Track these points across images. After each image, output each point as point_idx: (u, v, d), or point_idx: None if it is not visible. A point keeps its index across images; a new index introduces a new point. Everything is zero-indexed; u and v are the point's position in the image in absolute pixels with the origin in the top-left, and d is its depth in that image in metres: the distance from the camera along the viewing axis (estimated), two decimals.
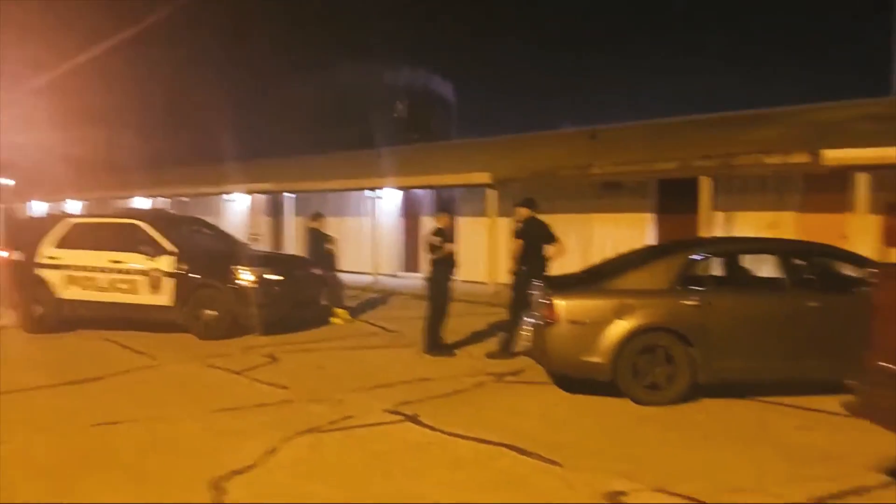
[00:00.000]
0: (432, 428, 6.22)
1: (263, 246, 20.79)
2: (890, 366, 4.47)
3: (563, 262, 9.41)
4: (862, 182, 11.69)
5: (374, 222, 19.60)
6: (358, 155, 24.16)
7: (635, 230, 15.41)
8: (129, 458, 5.53)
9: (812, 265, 7.75)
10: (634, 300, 7.18)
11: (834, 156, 11.53)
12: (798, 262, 7.68)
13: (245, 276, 10.91)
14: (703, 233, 12.99)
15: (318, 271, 12.17)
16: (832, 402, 6.58)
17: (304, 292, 11.80)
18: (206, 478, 5.01)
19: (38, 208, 33.03)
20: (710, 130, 15.42)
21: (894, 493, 4.74)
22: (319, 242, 12.55)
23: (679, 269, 7.39)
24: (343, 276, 13.48)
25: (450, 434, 6.04)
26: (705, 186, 13.14)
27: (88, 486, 4.91)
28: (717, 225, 13.75)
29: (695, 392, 7.06)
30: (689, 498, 4.66)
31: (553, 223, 9.49)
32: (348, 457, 5.53)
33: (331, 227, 13.69)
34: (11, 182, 40.77)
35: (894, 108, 13.92)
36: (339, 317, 12.35)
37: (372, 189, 19.47)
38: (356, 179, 19.74)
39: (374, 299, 15.72)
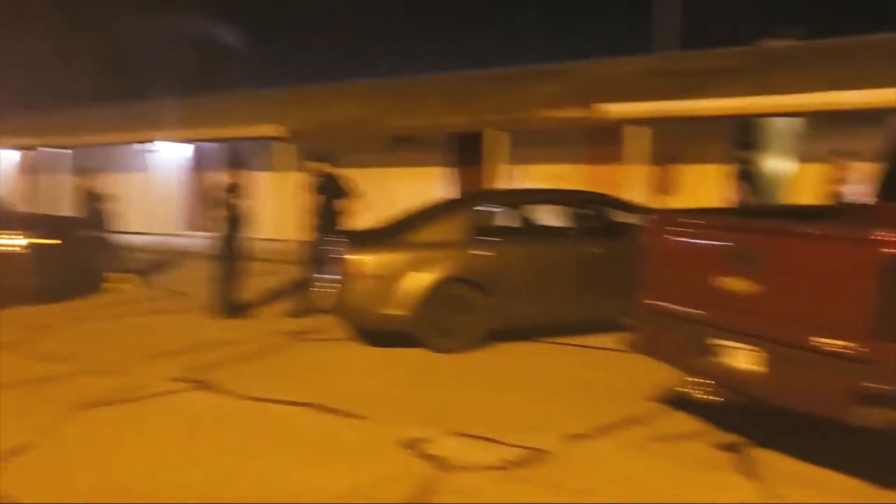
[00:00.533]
0: (229, 393, 6.00)
1: (32, 206, 18.88)
2: (658, 303, 4.90)
3: (362, 217, 9.38)
4: (636, 134, 12.63)
5: (158, 178, 18.45)
6: (139, 106, 22.47)
7: (433, 184, 15.69)
8: None
9: (593, 213, 8.31)
10: (432, 253, 7.35)
11: (609, 109, 12.36)
12: (580, 211, 8.19)
13: (12, 241, 9.87)
14: (497, 185, 13.50)
15: (94, 233, 11.26)
16: (611, 340, 7.11)
17: (81, 256, 10.87)
18: None
19: None
20: (499, 85, 15.94)
21: (666, 417, 5.23)
22: (93, 201, 11.60)
23: (473, 221, 7.66)
24: (124, 237, 12.59)
25: (247, 398, 5.86)
26: (492, 140, 13.63)
27: None
28: (511, 177, 14.33)
29: (491, 338, 7.38)
30: (483, 438, 4.87)
31: (351, 177, 9.42)
32: (137, 431, 5.19)
33: (112, 184, 12.70)
34: None
35: (660, 65, 15.16)
36: (122, 282, 11.53)
37: (154, 143, 18.26)
38: (137, 133, 18.41)
39: (160, 261, 14.80)
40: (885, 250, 3.40)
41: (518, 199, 9.03)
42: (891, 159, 5.59)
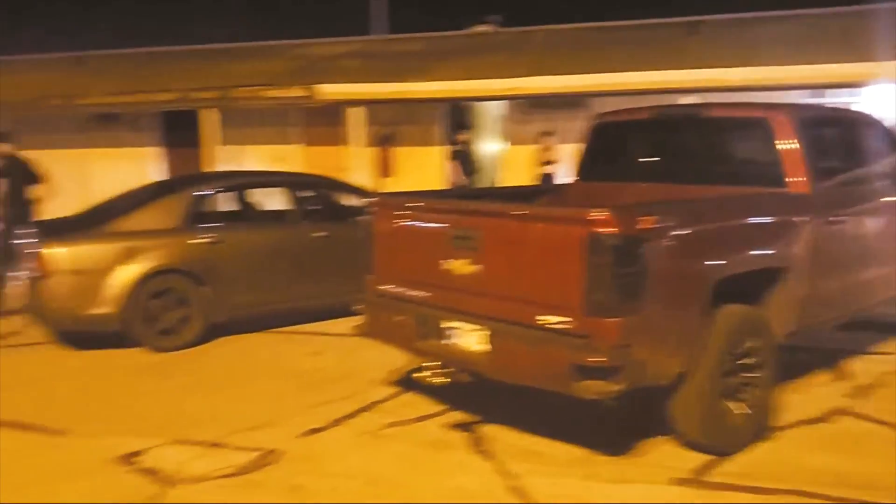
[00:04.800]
0: None
1: None
2: (385, 287, 4.87)
3: (57, 205, 8.35)
4: (355, 116, 12.67)
5: None
6: None
7: (140, 166, 14.48)
8: None
9: (316, 197, 8.16)
10: (141, 242, 6.70)
11: (328, 90, 12.26)
12: (303, 194, 7.98)
13: None
14: (209, 168, 12.81)
15: None
16: (342, 326, 7.01)
17: None
18: None
19: None
20: (209, 62, 15.10)
21: (401, 402, 5.22)
22: None
23: (187, 206, 7.09)
24: None
25: None
26: (207, 119, 12.92)
27: None
28: (226, 159, 13.66)
29: (212, 332, 6.92)
30: (209, 444, 4.52)
31: (40, 160, 8.34)
32: None
33: None
34: None
35: (378, 47, 15.37)
36: None
37: None
38: None
39: None
40: (593, 229, 3.63)
41: (235, 182, 8.52)
42: (589, 141, 6.10)
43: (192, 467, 4.20)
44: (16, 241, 7.28)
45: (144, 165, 14.53)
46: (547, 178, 11.44)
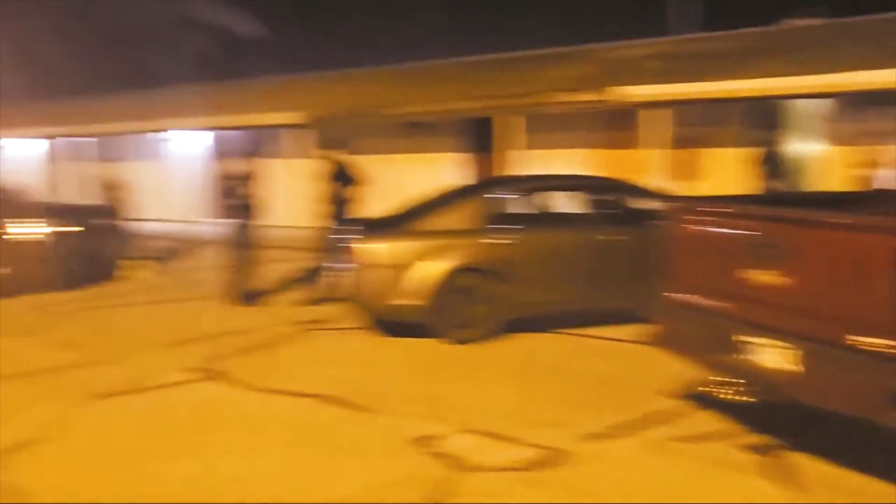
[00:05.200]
0: (238, 384, 5.89)
1: (53, 196, 18.88)
2: (681, 296, 4.70)
3: (373, 204, 9.24)
4: (651, 118, 12.36)
5: (175, 166, 18.36)
6: (158, 94, 22.40)
7: (445, 170, 15.50)
8: None
9: (611, 200, 8.12)
10: (446, 241, 7.18)
11: (624, 93, 12.08)
12: (598, 197, 7.99)
13: (34, 229, 9.85)
14: (512, 171, 13.29)
15: (112, 221, 11.22)
16: (629, 332, 6.92)
17: (99, 244, 10.85)
18: None
19: None
20: (512, 69, 15.65)
21: (689, 416, 5.02)
22: (112, 190, 11.55)
23: (489, 208, 7.47)
24: (142, 225, 12.54)
25: (256, 390, 5.74)
26: (503, 125, 13.42)
27: None
28: (526, 163, 14.12)
29: (507, 329, 7.20)
30: (498, 436, 4.71)
31: (362, 164, 9.27)
32: (143, 422, 5.10)
33: (131, 172, 12.64)
34: None
35: (678, 47, 14.83)
36: (139, 269, 11.48)
37: (171, 131, 18.16)
38: (155, 121, 18.32)
39: (177, 249, 14.76)
40: None
41: (533, 185, 8.80)
42: None
43: (482, 456, 4.41)
44: (341, 237, 8.18)
45: (450, 169, 15.52)
46: (871, 183, 10.21)
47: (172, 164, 18.50)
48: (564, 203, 8.67)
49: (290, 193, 16.11)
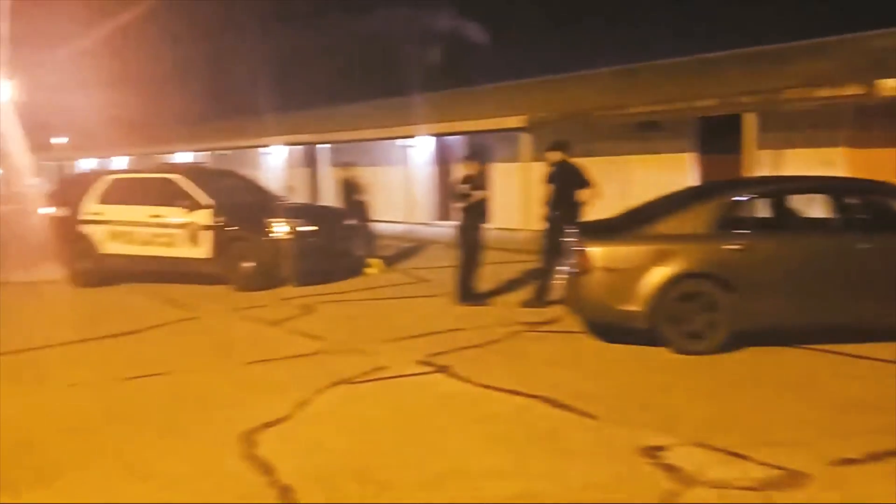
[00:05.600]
0: (465, 380, 6.11)
1: (298, 197, 20.74)
2: None
3: (599, 207, 9.13)
4: None
5: (407, 171, 19.39)
6: (390, 103, 23.83)
7: (675, 172, 14.95)
8: (160, 411, 5.53)
9: (864, 204, 7.37)
10: (674, 245, 6.91)
11: (891, 86, 10.89)
12: (849, 201, 7.30)
13: (280, 228, 10.88)
14: (748, 173, 12.53)
15: (351, 222, 12.08)
16: (886, 350, 6.26)
17: (339, 243, 11.74)
18: (238, 430, 4.97)
19: (86, 165, 33.59)
20: (753, 64, 14.74)
21: None
22: (352, 192, 12.42)
23: (721, 211, 7.07)
24: (376, 226, 13.38)
25: (482, 386, 5.92)
26: (749, 124, 12.62)
27: (117, 440, 4.91)
28: (762, 164, 13.26)
29: (737, 340, 6.82)
30: (727, 451, 4.48)
31: (588, 166, 9.19)
32: (379, 409, 5.46)
33: (364, 176, 13.54)
34: (65, 140, 41.72)
35: None
36: (373, 267, 12.28)
37: (404, 137, 19.21)
38: (389, 128, 19.50)
39: (408, 249, 15.61)
40: None
41: (774, 187, 8.20)
42: None
43: (712, 472, 4.22)
44: (564, 240, 8.19)
45: (679, 171, 14.94)
46: None
47: (406, 169, 19.54)
48: (809, 206, 8.02)
49: (518, 196, 16.40)
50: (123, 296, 10.85)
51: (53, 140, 41.33)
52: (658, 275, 6.83)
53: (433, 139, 19.93)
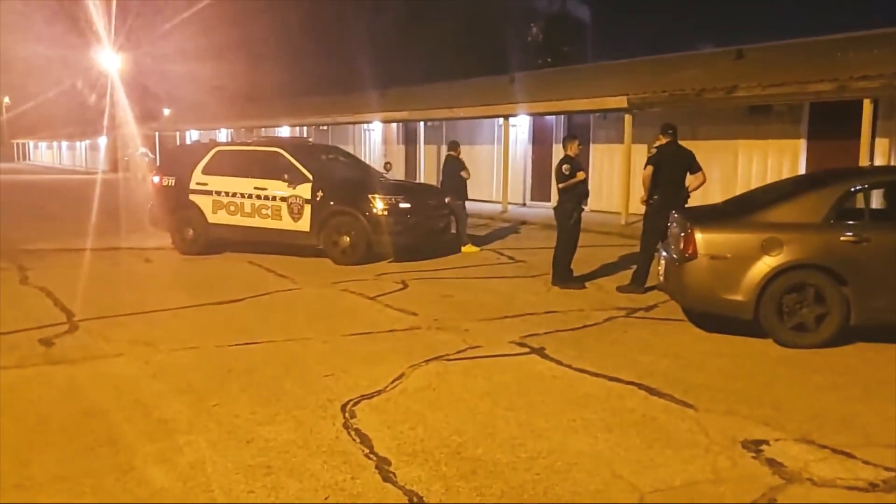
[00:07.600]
0: (559, 362, 6.09)
1: (397, 174, 20.99)
2: None
3: (705, 193, 8.87)
4: None
5: (504, 150, 19.30)
6: (490, 81, 23.76)
7: (784, 158, 14.36)
8: (264, 377, 5.73)
9: None
10: (782, 234, 6.65)
11: None
12: None
13: (379, 204, 11.05)
14: (863, 161, 11.91)
15: (449, 200, 12.15)
16: None
17: (436, 221, 11.86)
18: (337, 400, 5.12)
19: (191, 136, 34.98)
20: (871, 47, 13.92)
21: None
22: (456, 171, 12.47)
23: (834, 201, 6.75)
24: (473, 205, 13.40)
25: (577, 370, 5.89)
26: (867, 110, 11.97)
27: (225, 404, 5.13)
28: (879, 153, 12.57)
29: (847, 335, 6.53)
30: (837, 451, 4.31)
31: (694, 150, 8.93)
32: (473, 387, 5.50)
33: (469, 155, 13.57)
34: (167, 111, 43.65)
35: None
36: (469, 246, 12.35)
37: (504, 116, 19.12)
38: (488, 107, 19.45)
39: (504, 229, 15.61)
40: None
41: (891, 177, 7.77)
42: None
43: (816, 469, 4.08)
44: (666, 224, 8.00)
45: (789, 157, 14.34)
46: None
47: (502, 148, 19.47)
48: None
49: (618, 179, 16.12)
50: (227, 265, 11.29)
51: (164, 111, 43.29)
52: (765, 264, 6.60)
53: (531, 118, 19.76)
